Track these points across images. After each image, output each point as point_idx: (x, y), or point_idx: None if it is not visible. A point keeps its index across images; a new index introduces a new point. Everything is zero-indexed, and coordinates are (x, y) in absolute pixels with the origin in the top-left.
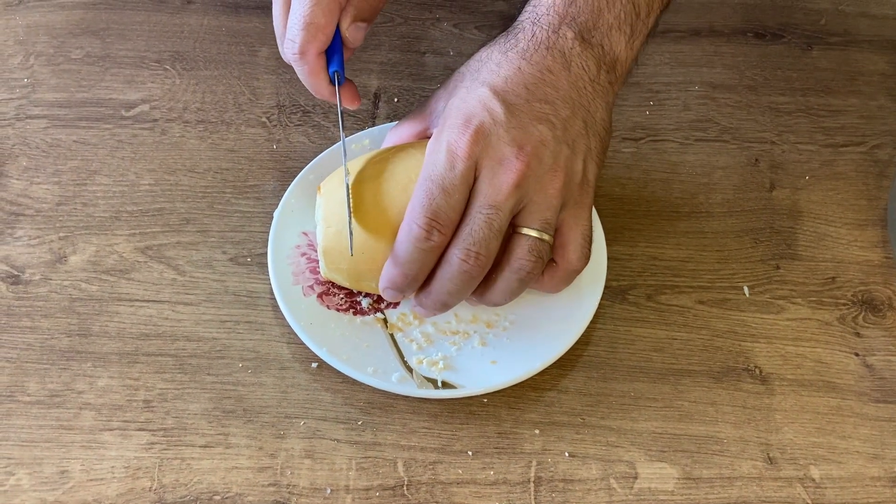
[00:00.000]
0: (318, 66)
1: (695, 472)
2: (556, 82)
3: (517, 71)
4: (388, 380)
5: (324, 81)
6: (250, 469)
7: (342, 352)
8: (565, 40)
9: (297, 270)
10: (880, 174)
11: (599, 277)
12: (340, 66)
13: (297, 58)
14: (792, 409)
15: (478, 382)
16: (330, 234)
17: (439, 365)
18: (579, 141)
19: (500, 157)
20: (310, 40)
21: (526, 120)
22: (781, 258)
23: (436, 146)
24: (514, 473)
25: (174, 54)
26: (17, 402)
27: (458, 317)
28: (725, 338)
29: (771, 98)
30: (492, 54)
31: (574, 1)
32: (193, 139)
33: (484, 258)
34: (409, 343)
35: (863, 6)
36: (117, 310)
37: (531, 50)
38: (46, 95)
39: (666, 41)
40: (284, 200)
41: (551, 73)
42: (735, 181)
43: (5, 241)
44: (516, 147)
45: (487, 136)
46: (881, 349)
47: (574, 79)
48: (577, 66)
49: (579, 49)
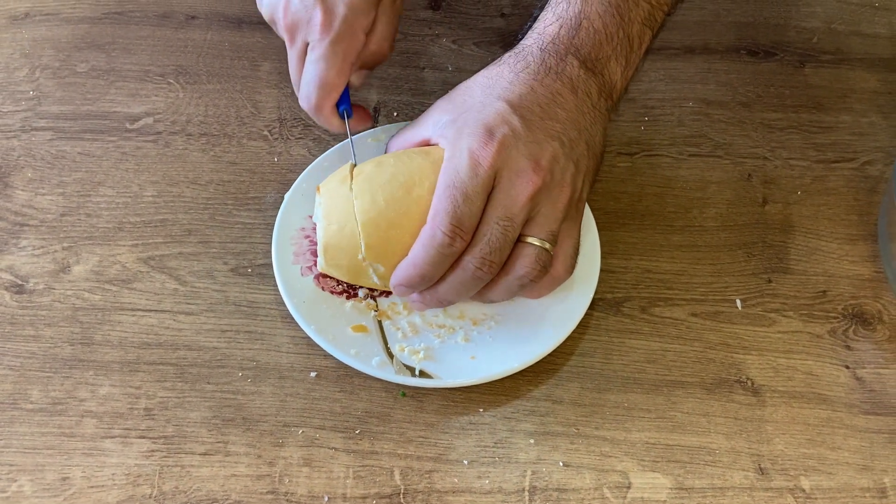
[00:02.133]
0: (331, 114)
1: (687, 482)
2: (565, 104)
3: (530, 91)
4: (369, 363)
5: (335, 121)
6: (249, 477)
7: (328, 332)
8: (573, 67)
9: (298, 251)
10: (871, 190)
11: (589, 288)
12: (348, 103)
13: (314, 111)
14: (783, 420)
15: (454, 375)
16: (331, 230)
17: (420, 355)
18: (582, 160)
19: (519, 168)
20: (324, 97)
21: (541, 136)
22: (773, 272)
23: (455, 153)
24: (510, 482)
25: (178, 68)
26: (19, 410)
27: (446, 311)
28: (718, 350)
29: (764, 114)
30: (503, 72)
31: (578, 33)
32: (196, 152)
33: (496, 266)
34: (395, 331)
35: (854, 25)
36: (119, 319)
37: (542, 73)
38: (52, 108)
39: (661, 58)
40: (296, 185)
41: (561, 96)
42: (728, 196)
43: (10, 251)
44: (533, 161)
45: (508, 149)
46: (871, 362)
47: (579, 103)
48: (583, 92)
49: (584, 76)
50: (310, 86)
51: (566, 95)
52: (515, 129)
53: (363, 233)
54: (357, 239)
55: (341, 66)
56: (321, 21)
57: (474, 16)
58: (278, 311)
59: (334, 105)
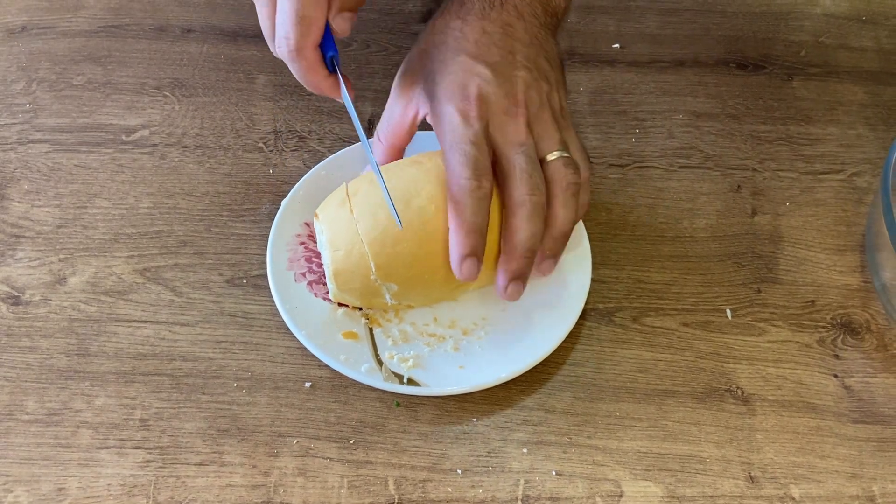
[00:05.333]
0: (315, 60)
1: (678, 490)
2: (516, 33)
3: (482, 32)
4: (358, 370)
5: (322, 75)
6: (244, 487)
7: (319, 337)
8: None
9: (293, 257)
10: (858, 201)
11: (580, 299)
12: (334, 49)
13: (294, 55)
14: (773, 429)
15: (441, 384)
16: (339, 257)
17: (409, 363)
18: (550, 75)
19: (503, 108)
20: (304, 34)
21: (508, 71)
22: (763, 282)
23: (444, 118)
24: (503, 492)
25: (174, 81)
26: (15, 421)
27: (436, 320)
28: (708, 359)
29: (753, 127)
30: (449, 23)
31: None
32: (192, 164)
33: (542, 185)
34: (385, 339)
35: (842, 39)
36: (115, 330)
37: (487, 9)
38: (48, 120)
39: (651, 71)
40: (293, 192)
41: (510, 27)
42: (718, 207)
43: (6, 263)
44: (512, 97)
45: (486, 96)
46: (859, 371)
47: (528, 26)
48: (529, 15)
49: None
50: (285, 24)
51: (515, 24)
52: (484, 76)
53: (371, 253)
54: (367, 259)
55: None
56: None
57: None
58: (273, 321)
59: (317, 47)
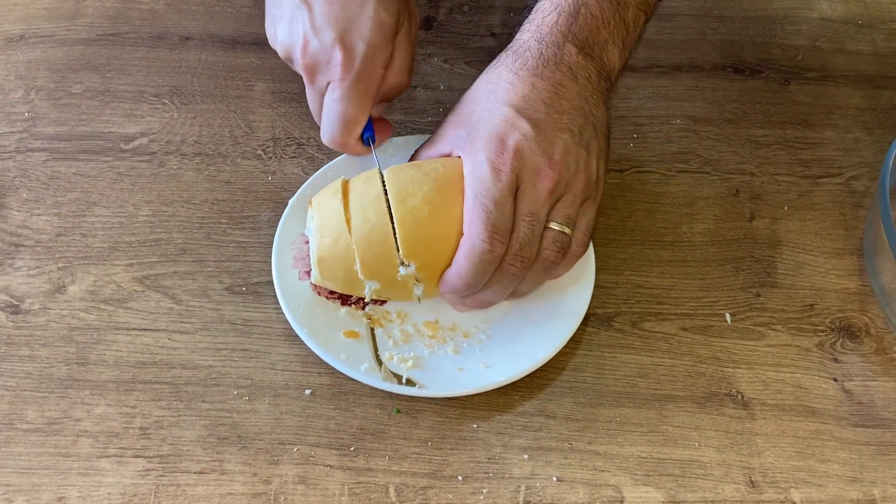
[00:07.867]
0: (355, 147)
1: (679, 495)
2: (567, 94)
3: (532, 88)
4: (357, 369)
5: (361, 149)
6: (244, 495)
7: (320, 335)
8: (570, 56)
9: (298, 255)
10: (856, 205)
11: (581, 306)
12: (371, 130)
13: (337, 148)
14: (773, 433)
15: (440, 386)
16: (325, 243)
17: (409, 363)
18: (592, 144)
19: (536, 167)
20: (349, 133)
21: (550, 132)
22: (762, 286)
23: (475, 167)
24: (504, 498)
25: (172, 89)
26: (15, 430)
27: (438, 322)
28: (708, 364)
29: (750, 131)
30: (502, 74)
31: (576, 20)
32: (190, 171)
33: (529, 261)
34: (386, 339)
35: (839, 43)
36: (115, 338)
37: (541, 67)
38: (47, 129)
39: (649, 76)
40: (301, 191)
41: (562, 87)
42: (716, 211)
43: (5, 272)
44: (547, 157)
45: (523, 152)
46: (858, 374)
47: (580, 89)
48: (583, 78)
49: (583, 62)
50: (333, 125)
51: (567, 85)
52: (525, 132)
53: (358, 250)
54: (352, 252)
55: (363, 102)
56: (342, 61)
57: (465, 35)
58: (273, 329)
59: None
